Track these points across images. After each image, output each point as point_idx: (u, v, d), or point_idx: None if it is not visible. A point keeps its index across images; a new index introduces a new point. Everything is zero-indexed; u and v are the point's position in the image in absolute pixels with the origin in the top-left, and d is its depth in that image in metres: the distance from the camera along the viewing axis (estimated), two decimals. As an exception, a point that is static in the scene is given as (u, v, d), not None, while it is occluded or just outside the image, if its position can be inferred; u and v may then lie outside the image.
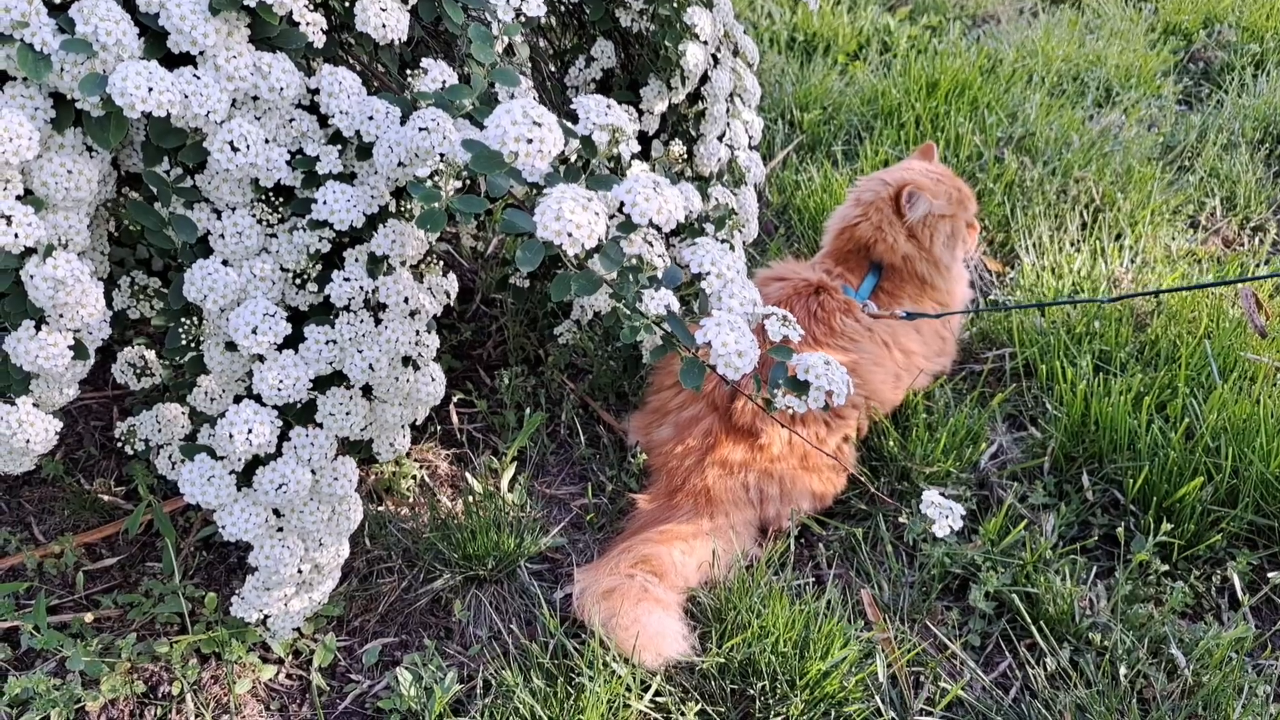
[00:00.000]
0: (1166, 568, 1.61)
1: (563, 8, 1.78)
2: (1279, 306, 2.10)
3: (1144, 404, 1.79)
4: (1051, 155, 2.67)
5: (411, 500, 1.78)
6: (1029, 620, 1.54)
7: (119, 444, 1.45)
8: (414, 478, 1.81)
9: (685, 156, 1.71)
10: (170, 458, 1.45)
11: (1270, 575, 1.55)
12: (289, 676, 1.52)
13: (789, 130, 2.91)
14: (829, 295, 1.87)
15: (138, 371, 1.48)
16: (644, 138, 1.74)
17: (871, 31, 3.49)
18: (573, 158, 1.18)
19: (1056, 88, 3.11)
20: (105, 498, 1.76)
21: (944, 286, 1.99)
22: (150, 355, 1.49)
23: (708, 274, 1.13)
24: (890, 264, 1.94)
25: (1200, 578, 1.61)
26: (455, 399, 1.98)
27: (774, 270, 1.98)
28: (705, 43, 1.56)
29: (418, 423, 1.41)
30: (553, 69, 1.84)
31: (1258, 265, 2.31)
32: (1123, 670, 1.46)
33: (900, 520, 1.74)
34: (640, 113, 1.67)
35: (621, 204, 1.06)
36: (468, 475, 1.81)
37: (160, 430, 1.45)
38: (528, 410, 1.94)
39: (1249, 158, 2.73)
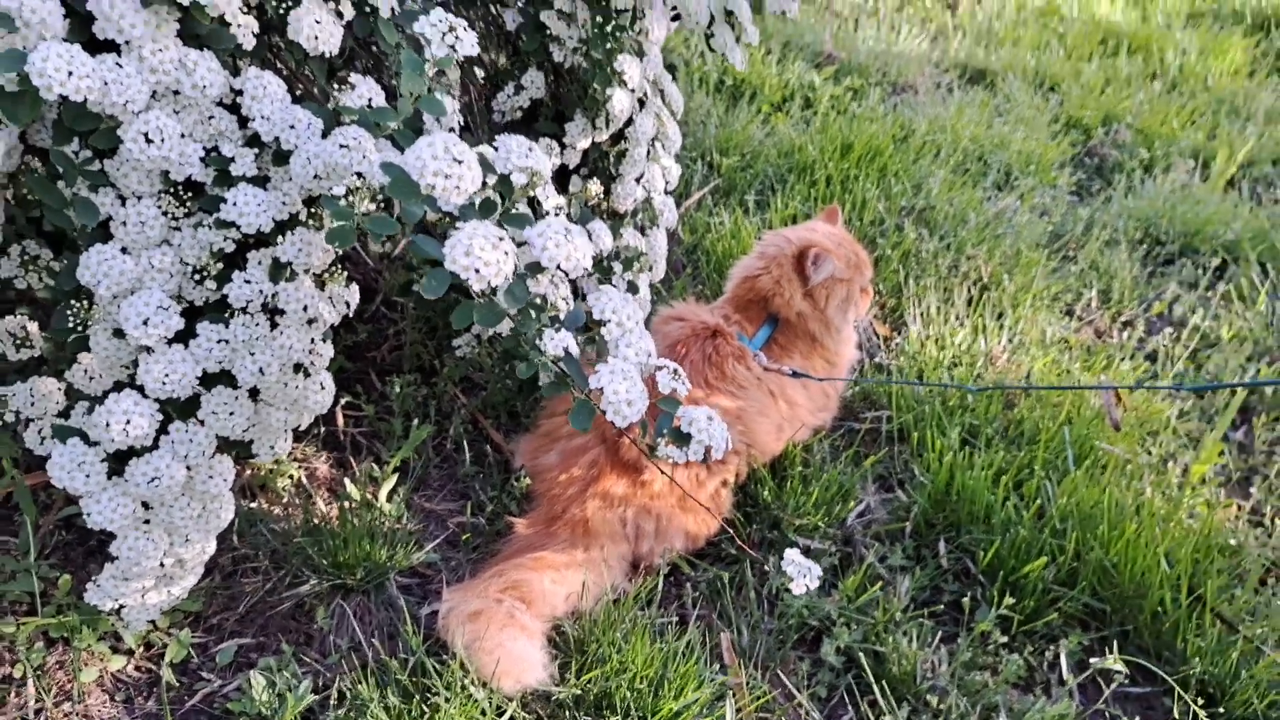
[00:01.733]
0: (1005, 639, 1.70)
1: (494, 29, 1.80)
2: (1135, 401, 2.24)
3: (1002, 481, 1.90)
4: (949, 230, 2.80)
5: (286, 500, 1.76)
6: (873, 678, 1.62)
7: (-14, 412, 1.41)
8: (291, 477, 1.79)
9: (603, 194, 1.75)
10: (40, 433, 1.42)
11: (1092, 661, 1.66)
12: (138, 669, 1.49)
13: (707, 172, 2.98)
14: (724, 340, 1.93)
15: (17, 342, 1.44)
16: (564, 171, 1.78)
17: (797, 85, 3.60)
18: (489, 190, 1.20)
19: (961, 165, 3.26)
20: (-37, 465, 1.70)
21: (833, 346, 2.07)
22: (32, 327, 1.45)
23: (608, 322, 1.16)
24: (785, 318, 2.00)
25: (1034, 652, 1.71)
26: (343, 401, 1.97)
27: (675, 310, 2.03)
28: (632, 90, 1.61)
29: (301, 428, 1.41)
30: (483, 87, 1.86)
31: (1123, 359, 2.46)
32: (954, 734, 1.54)
33: (766, 568, 1.80)
34: (563, 146, 1.71)
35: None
36: (346, 481, 1.80)
37: (34, 404, 1.41)
38: (415, 421, 1.94)
39: (1128, 255, 2.91)
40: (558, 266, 1.08)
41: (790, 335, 2.03)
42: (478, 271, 1.03)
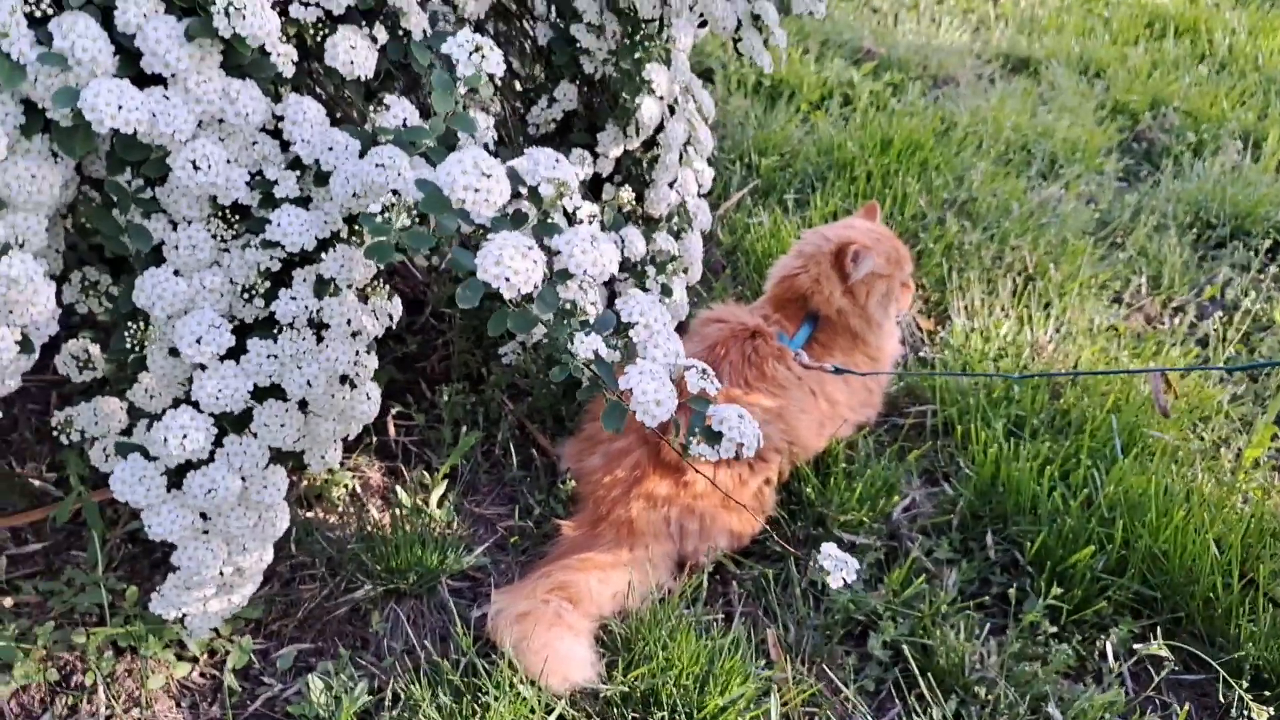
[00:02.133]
0: (1054, 629, 1.69)
1: (527, 45, 1.85)
2: (1185, 387, 2.22)
3: (1048, 471, 1.89)
4: (992, 222, 2.78)
5: (341, 509, 1.82)
6: (920, 671, 1.62)
7: (54, 431, 1.48)
8: (345, 486, 1.85)
9: (636, 199, 1.79)
10: (105, 450, 1.48)
11: (1136, 646, 1.64)
12: (202, 675, 1.56)
13: (746, 173, 2.99)
14: (764, 340, 1.94)
15: (80, 364, 1.51)
16: (598, 179, 1.81)
17: (836, 83, 3.60)
18: (524, 200, 1.24)
19: (1003, 156, 3.23)
20: (35, 483, 1.78)
21: (875, 342, 2.08)
22: (94, 349, 1.52)
23: (636, 324, 1.19)
24: (826, 316, 2.02)
25: (1084, 641, 1.71)
26: (394, 411, 2.02)
27: (715, 312, 2.05)
28: (661, 97, 1.64)
29: (350, 438, 1.46)
30: (517, 101, 1.90)
31: (1174, 344, 2.42)
32: (1003, 724, 1.54)
33: (811, 564, 1.82)
34: (595, 156, 1.74)
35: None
36: (398, 488, 1.85)
37: (98, 423, 1.48)
38: (464, 428, 1.99)
39: (1177, 240, 2.86)
40: (584, 272, 1.12)
41: (831, 333, 2.04)
42: (508, 280, 1.06)
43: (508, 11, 1.89)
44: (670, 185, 1.85)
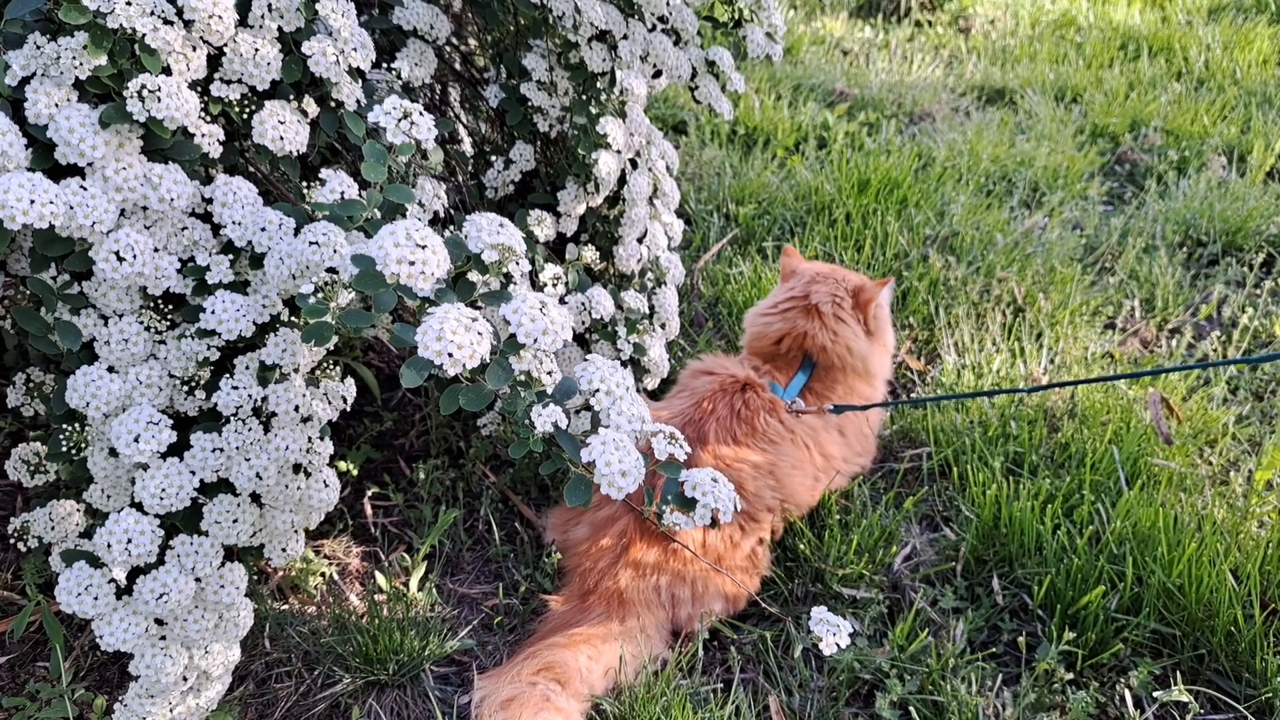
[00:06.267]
0: (1071, 675, 1.61)
1: (480, 105, 1.81)
2: (1189, 411, 2.14)
3: (1051, 509, 1.81)
4: (976, 255, 2.73)
5: (318, 599, 1.74)
6: (932, 732, 1.54)
7: (10, 538, 1.42)
8: (322, 575, 1.78)
9: (605, 257, 1.74)
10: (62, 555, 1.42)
11: (1156, 694, 1.55)
12: (175, 786, 1.47)
13: (724, 223, 2.95)
14: (755, 393, 1.88)
15: (31, 468, 1.45)
16: (562, 239, 1.76)
17: (810, 127, 3.58)
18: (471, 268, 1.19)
19: (983, 188, 3.19)
20: (1, 593, 1.71)
21: (872, 369, 2.03)
22: (45, 451, 1.47)
23: (596, 391, 1.13)
24: (820, 362, 1.96)
25: (1103, 686, 1.61)
26: (371, 492, 1.96)
27: (704, 364, 1.99)
28: (619, 151, 1.59)
29: (311, 528, 1.39)
30: (472, 164, 1.86)
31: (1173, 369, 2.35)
32: (1023, 785, 1.45)
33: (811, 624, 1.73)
34: (558, 215, 1.69)
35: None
36: (376, 573, 1.78)
37: (54, 527, 1.42)
38: (444, 505, 1.92)
39: (1168, 260, 2.81)
40: (535, 340, 1.06)
41: (829, 381, 1.97)
42: (451, 355, 1.00)
43: (460, 75, 1.86)
44: (640, 240, 1.80)
